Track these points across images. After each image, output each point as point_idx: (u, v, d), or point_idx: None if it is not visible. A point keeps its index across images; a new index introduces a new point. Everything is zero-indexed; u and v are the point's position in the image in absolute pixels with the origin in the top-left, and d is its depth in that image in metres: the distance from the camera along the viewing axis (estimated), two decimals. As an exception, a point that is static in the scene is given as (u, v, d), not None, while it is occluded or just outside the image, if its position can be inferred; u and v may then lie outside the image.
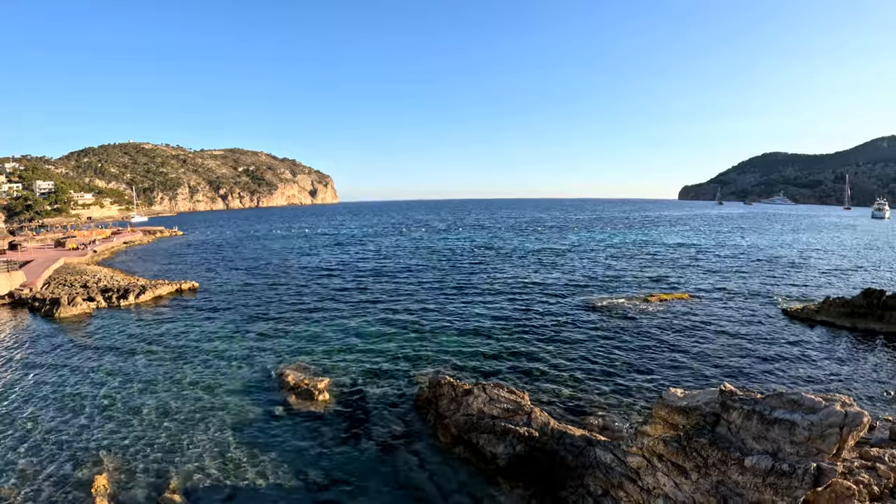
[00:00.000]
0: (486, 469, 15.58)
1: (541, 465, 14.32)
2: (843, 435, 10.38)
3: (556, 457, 14.19)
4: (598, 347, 29.11)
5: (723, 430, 11.56)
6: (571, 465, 13.74)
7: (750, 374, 24.65)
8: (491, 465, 15.40)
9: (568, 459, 13.88)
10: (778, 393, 11.52)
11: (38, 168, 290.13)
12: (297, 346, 30.70)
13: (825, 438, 10.38)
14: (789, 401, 11.13)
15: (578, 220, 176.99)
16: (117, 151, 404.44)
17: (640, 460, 12.53)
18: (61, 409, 21.93)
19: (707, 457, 11.25)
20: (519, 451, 14.82)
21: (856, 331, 31.57)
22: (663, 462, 11.97)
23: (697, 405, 12.16)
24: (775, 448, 10.74)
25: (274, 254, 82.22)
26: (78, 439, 19.04)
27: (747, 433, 11.15)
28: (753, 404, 11.31)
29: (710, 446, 11.21)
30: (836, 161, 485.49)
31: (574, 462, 13.76)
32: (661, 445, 12.03)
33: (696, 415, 11.95)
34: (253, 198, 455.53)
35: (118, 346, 31.46)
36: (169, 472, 16.40)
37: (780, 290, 45.28)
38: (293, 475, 16.31)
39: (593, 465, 13.37)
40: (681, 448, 11.60)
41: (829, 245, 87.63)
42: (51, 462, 17.39)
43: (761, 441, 10.94)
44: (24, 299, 45.86)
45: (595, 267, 60.76)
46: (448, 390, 18.56)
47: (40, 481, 16.20)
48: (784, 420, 10.76)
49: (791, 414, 10.86)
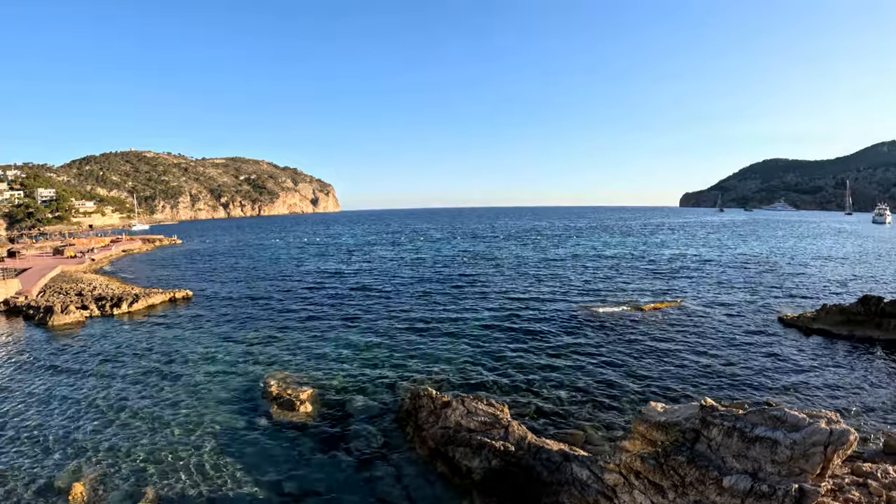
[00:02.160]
0: (462, 483, 15.12)
1: (516, 481, 13.79)
2: (828, 454, 9.83)
3: (532, 472, 13.64)
4: (588, 357, 28.55)
5: (702, 447, 11.01)
6: (547, 480, 13.19)
7: (742, 384, 24.05)
8: (466, 480, 14.91)
9: (543, 475, 13.32)
10: (760, 409, 10.99)
11: (39, 176, 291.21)
12: (285, 356, 30.29)
13: (808, 458, 9.83)
14: (771, 417, 10.59)
15: (577, 229, 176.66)
16: (119, 160, 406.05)
17: (617, 477, 11.99)
18: (44, 416, 22.06)
19: (685, 475, 10.70)
20: (494, 466, 14.28)
21: (853, 339, 30.90)
22: (641, 480, 11.43)
23: (677, 421, 11.63)
24: (756, 467, 10.19)
25: (269, 263, 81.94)
26: (57, 447, 19.09)
27: (727, 451, 10.60)
28: (734, 420, 10.77)
29: (688, 464, 10.67)
30: (836, 166, 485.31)
31: (550, 478, 13.20)
32: (638, 462, 11.50)
33: (675, 431, 11.42)
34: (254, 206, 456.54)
35: (106, 354, 31.44)
36: (147, 481, 16.42)
37: (776, 298, 44.66)
38: (268, 485, 16.17)
39: (569, 482, 12.82)
40: (658, 466, 11.06)
41: (829, 251, 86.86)
42: (31, 467, 17.52)
43: (741, 460, 10.39)
44: (19, 307, 45.81)
45: (589, 275, 60.21)
46: (427, 402, 18.06)
47: (19, 486, 16.29)
48: (765, 438, 10.22)
49: (773, 432, 10.31)
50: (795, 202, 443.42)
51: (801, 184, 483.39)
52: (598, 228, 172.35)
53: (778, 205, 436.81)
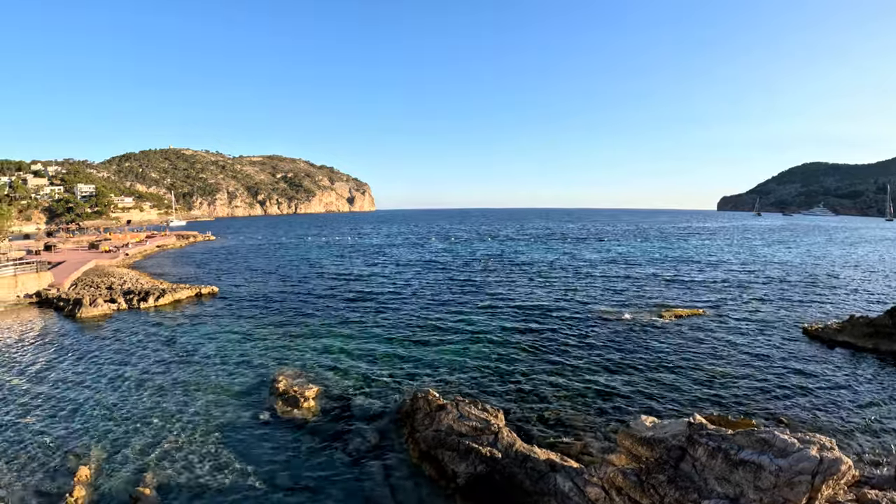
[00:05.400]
0: (447, 487, 15.14)
1: (499, 488, 13.65)
2: (816, 484, 9.30)
3: (514, 480, 13.47)
4: (600, 365, 28.05)
5: (687, 466, 10.65)
6: (529, 490, 13.00)
7: (754, 398, 23.17)
8: (451, 484, 14.91)
9: (526, 484, 13.13)
10: (749, 430, 10.55)
11: (79, 172, 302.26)
12: (298, 353, 30.81)
13: (793, 486, 9.32)
14: (759, 440, 10.15)
15: (610, 232, 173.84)
16: (158, 157, 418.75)
17: (598, 492, 11.72)
18: (58, 400, 23.55)
19: (664, 495, 10.37)
20: (480, 472, 14.18)
21: (878, 352, 29.45)
22: (622, 496, 11.16)
23: (664, 437, 11.29)
24: (738, 493, 9.77)
25: (296, 261, 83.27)
26: (68, 430, 20.38)
27: (711, 473, 10.22)
28: (720, 441, 10.38)
29: (669, 484, 10.35)
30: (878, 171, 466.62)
31: (532, 487, 13.01)
32: (620, 478, 11.23)
33: (660, 448, 11.09)
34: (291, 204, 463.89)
35: (127, 345, 32.90)
36: (148, 467, 17.30)
37: (803, 308, 42.99)
38: (262, 478, 16.73)
39: (551, 493, 12.60)
40: (639, 483, 10.78)
41: (864, 259, 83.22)
42: (43, 448, 18.87)
43: (724, 483, 9.98)
44: (51, 299, 47.80)
45: (613, 281, 59.06)
46: (423, 405, 18.08)
47: (30, 465, 17.65)
48: (750, 462, 9.79)
49: (759, 456, 9.87)
50: (835, 207, 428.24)
51: (842, 188, 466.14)
52: (631, 232, 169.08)
53: (817, 209, 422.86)
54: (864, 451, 17.94)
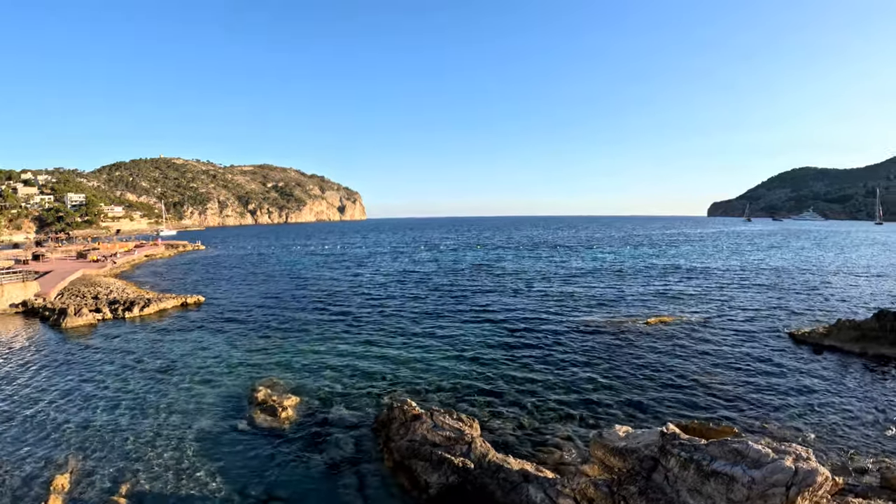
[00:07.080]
0: (419, 498, 14.83)
1: (471, 499, 13.29)
2: (791, 496, 8.96)
3: (486, 491, 13.11)
4: (583, 372, 27.74)
5: (659, 477, 10.33)
6: (500, 501, 12.64)
7: (738, 404, 22.93)
8: (423, 495, 14.58)
9: (497, 495, 12.77)
10: (722, 440, 10.23)
11: (70, 181, 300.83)
12: (280, 363, 30.41)
13: (767, 499, 8.98)
14: (732, 451, 9.82)
15: (599, 239, 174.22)
16: (148, 166, 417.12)
17: (570, 503, 11.36)
18: (37, 411, 23.26)
19: (635, 507, 10.05)
20: (452, 482, 13.83)
21: (866, 356, 29.31)
22: (593, 508, 10.80)
23: (636, 447, 10.98)
24: (709, 504, 9.46)
25: (284, 271, 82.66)
26: (47, 440, 20.23)
27: (683, 484, 9.91)
28: (692, 451, 10.06)
29: (639, 496, 10.03)
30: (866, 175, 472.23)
31: (503, 499, 12.64)
32: (591, 489, 10.89)
33: (632, 458, 10.77)
34: (281, 213, 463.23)
35: (109, 355, 32.49)
36: (124, 477, 17.11)
37: (790, 312, 42.90)
38: (235, 488, 16.52)
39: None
40: (610, 494, 10.45)
41: (851, 263, 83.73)
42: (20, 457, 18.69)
43: (695, 496, 9.66)
44: (36, 308, 47.36)
45: (598, 288, 58.74)
46: (399, 414, 17.71)
47: (6, 475, 17.41)
48: (722, 473, 9.47)
49: (732, 467, 9.55)
50: (825, 211, 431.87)
51: (831, 192, 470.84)
52: (619, 239, 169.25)
53: (807, 214, 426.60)
54: (850, 458, 17.64)
